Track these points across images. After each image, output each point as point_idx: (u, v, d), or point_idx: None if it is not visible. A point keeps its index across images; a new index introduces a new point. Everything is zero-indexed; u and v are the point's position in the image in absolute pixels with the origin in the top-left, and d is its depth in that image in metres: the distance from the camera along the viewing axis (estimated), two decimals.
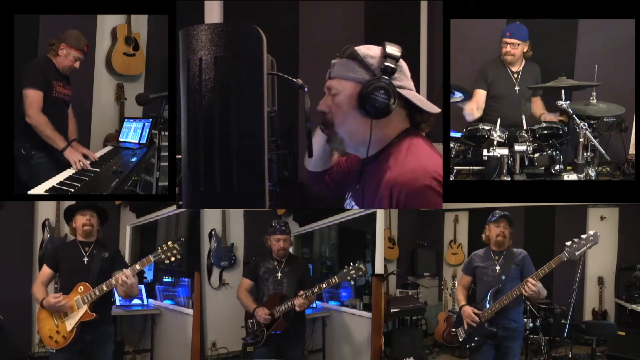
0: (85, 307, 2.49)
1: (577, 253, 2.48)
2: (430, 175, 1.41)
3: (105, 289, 2.50)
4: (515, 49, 3.22)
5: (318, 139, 1.72)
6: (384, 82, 1.47)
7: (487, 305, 2.65)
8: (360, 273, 2.75)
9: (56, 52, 2.89)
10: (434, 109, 1.56)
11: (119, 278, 2.43)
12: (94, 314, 2.50)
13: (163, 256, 2.52)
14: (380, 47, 1.51)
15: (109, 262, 2.62)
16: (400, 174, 1.43)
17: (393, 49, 1.49)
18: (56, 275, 2.65)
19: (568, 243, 2.50)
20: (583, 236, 2.49)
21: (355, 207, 1.68)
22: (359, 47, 1.53)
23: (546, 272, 2.52)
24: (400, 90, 1.51)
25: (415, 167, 1.43)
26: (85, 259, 2.59)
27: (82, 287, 2.53)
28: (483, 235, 2.86)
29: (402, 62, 1.53)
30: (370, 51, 1.51)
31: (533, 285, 2.49)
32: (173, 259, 2.52)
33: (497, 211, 2.81)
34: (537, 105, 3.38)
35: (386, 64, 1.47)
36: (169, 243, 2.54)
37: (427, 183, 1.40)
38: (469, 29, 3.42)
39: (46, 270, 2.63)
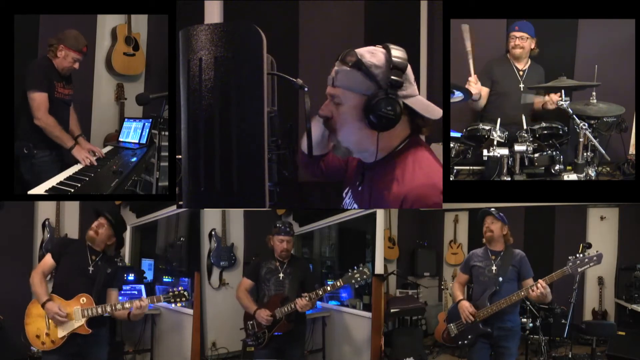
0: (83, 321, 2.46)
1: (579, 269, 2.55)
2: (440, 191, 1.44)
3: (108, 310, 2.49)
4: (524, 42, 3.22)
5: (316, 125, 1.71)
6: (391, 96, 1.43)
7: (487, 304, 2.66)
8: (365, 277, 2.74)
9: (55, 53, 2.89)
10: (437, 114, 1.55)
11: (136, 303, 2.47)
12: (90, 330, 2.46)
13: (172, 300, 2.63)
14: (383, 51, 1.47)
15: (109, 279, 2.59)
16: (411, 190, 1.44)
17: (399, 58, 1.44)
18: (56, 268, 2.59)
19: (571, 257, 2.55)
20: (587, 254, 2.55)
21: (355, 206, 1.67)
22: (361, 50, 1.48)
23: (548, 283, 2.54)
24: (406, 100, 1.48)
25: (425, 183, 1.45)
26: (91, 269, 2.55)
27: (84, 299, 2.48)
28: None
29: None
30: (374, 58, 1.46)
31: (543, 288, 2.52)
32: (179, 304, 2.66)
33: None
34: (539, 101, 3.38)
35: (393, 77, 1.43)
36: (181, 289, 2.65)
37: (437, 200, 1.43)
38: (469, 29, 3.42)
39: (49, 261, 2.57)
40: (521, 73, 3.29)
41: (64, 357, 2.48)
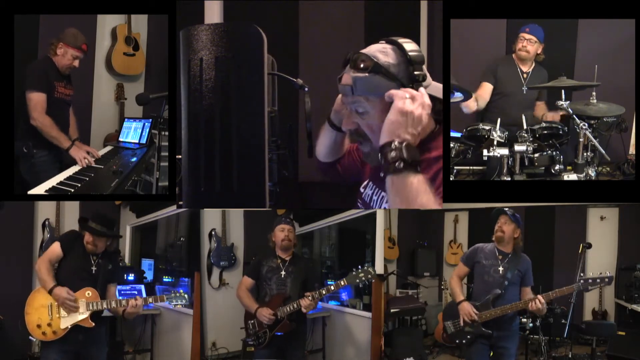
0: (87, 314, 2.50)
1: (590, 288, 2.58)
2: None
3: (113, 305, 2.55)
4: (532, 45, 3.23)
5: (327, 133, 1.71)
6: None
7: (490, 306, 2.66)
8: (370, 276, 2.73)
9: (55, 51, 2.90)
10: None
11: (130, 302, 2.55)
12: (94, 324, 2.51)
13: (174, 301, 2.74)
14: (391, 46, 1.41)
15: (109, 275, 2.66)
16: None
17: (414, 51, 1.39)
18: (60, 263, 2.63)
19: (582, 274, 2.57)
20: (599, 274, 2.58)
21: (382, 194, 1.61)
22: (372, 51, 1.41)
23: (557, 296, 2.57)
24: (427, 89, 1.42)
25: None
26: (94, 269, 2.61)
27: (90, 292, 2.54)
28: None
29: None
30: (389, 58, 1.40)
31: (541, 304, 2.54)
32: (180, 306, 2.81)
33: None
34: (540, 109, 3.39)
35: (417, 72, 1.37)
36: (181, 292, 2.76)
37: None
38: (469, 29, 3.43)
39: (57, 250, 2.59)
40: (525, 76, 3.29)
41: (63, 353, 2.50)
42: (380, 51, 1.41)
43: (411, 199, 1.29)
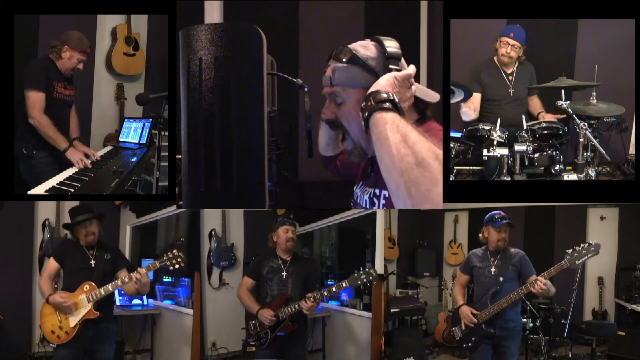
0: (89, 306, 2.59)
1: (577, 262, 2.50)
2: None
3: (110, 289, 2.61)
4: (515, 51, 3.22)
5: (322, 128, 1.76)
6: None
7: (488, 304, 2.66)
8: (371, 278, 2.74)
9: (59, 54, 2.90)
10: (435, 97, 1.55)
11: (132, 276, 2.53)
12: (98, 313, 2.59)
13: (168, 263, 2.65)
14: (374, 43, 1.48)
15: (111, 264, 2.72)
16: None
17: (393, 48, 1.44)
18: (61, 269, 2.73)
19: (569, 251, 2.51)
20: (584, 245, 2.50)
21: (369, 189, 1.63)
22: (354, 45, 1.48)
23: (546, 278, 2.53)
24: (416, 94, 1.47)
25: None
26: (92, 262, 2.68)
27: (87, 286, 2.62)
28: (480, 235, 2.86)
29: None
30: (368, 51, 1.47)
31: (544, 285, 2.51)
32: (177, 266, 2.66)
33: (497, 214, 2.79)
34: (535, 104, 3.39)
35: (391, 66, 1.41)
36: (175, 251, 2.67)
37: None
38: (469, 29, 3.42)
39: (53, 264, 2.72)
40: (510, 78, 3.29)
41: (75, 351, 2.60)
42: (362, 45, 1.49)
43: (398, 139, 1.18)
